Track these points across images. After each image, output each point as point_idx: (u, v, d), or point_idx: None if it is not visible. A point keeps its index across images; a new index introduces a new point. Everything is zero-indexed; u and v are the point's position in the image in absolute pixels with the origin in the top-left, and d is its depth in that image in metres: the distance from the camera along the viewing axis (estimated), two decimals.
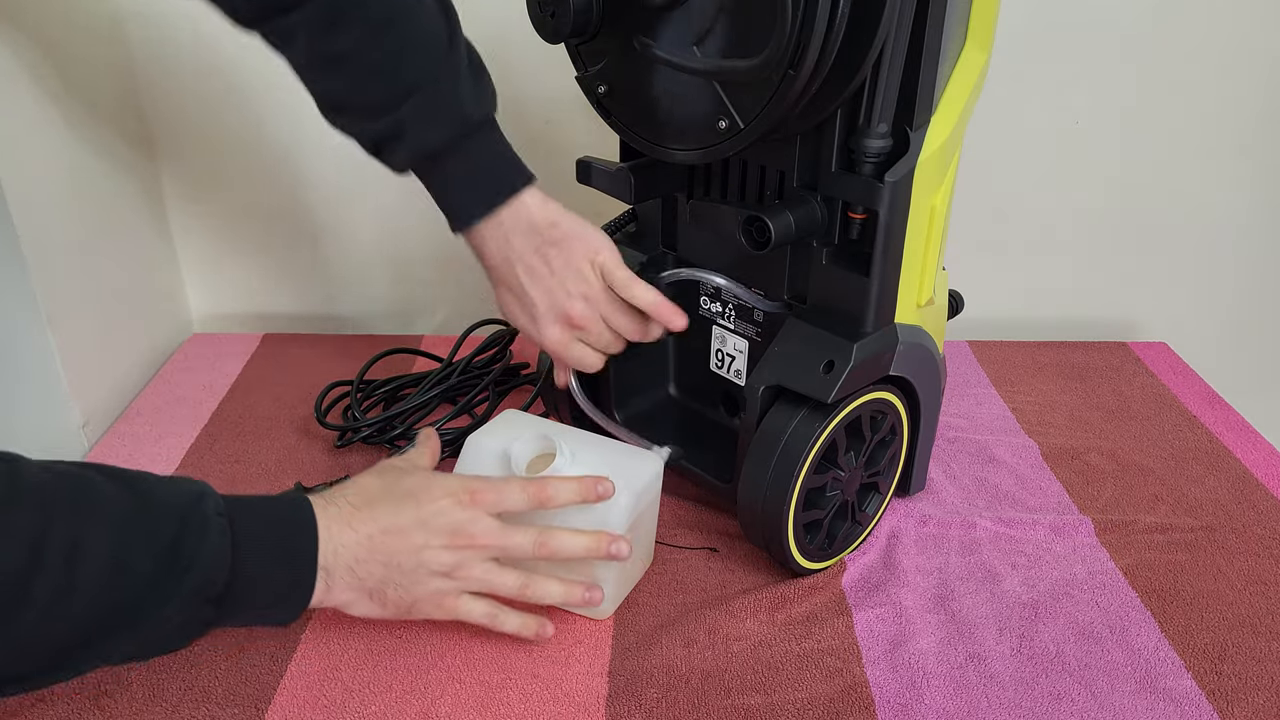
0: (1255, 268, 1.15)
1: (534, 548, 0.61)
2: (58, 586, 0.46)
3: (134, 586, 0.49)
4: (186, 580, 0.50)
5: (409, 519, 0.59)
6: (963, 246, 1.05)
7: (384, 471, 0.64)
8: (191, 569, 0.51)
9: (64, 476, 0.50)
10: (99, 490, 0.50)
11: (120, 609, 0.49)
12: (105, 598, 0.48)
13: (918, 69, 0.61)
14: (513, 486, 0.62)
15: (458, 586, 0.61)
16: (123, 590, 0.49)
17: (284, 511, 0.57)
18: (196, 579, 0.51)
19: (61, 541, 0.47)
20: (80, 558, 0.47)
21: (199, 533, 0.51)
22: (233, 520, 0.53)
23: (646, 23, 0.63)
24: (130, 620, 0.50)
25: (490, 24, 0.99)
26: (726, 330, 0.78)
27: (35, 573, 0.45)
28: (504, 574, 0.62)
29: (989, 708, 0.62)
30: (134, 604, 0.49)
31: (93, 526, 0.48)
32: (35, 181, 0.84)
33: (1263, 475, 0.86)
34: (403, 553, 0.59)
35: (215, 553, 0.52)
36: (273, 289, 1.13)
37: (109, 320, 0.95)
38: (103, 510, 0.49)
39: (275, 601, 0.56)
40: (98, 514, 0.49)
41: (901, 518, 0.79)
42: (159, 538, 0.50)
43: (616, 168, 0.74)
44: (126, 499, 0.51)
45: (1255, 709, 0.62)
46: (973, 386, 1.01)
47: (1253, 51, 1.02)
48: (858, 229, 0.66)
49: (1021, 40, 0.99)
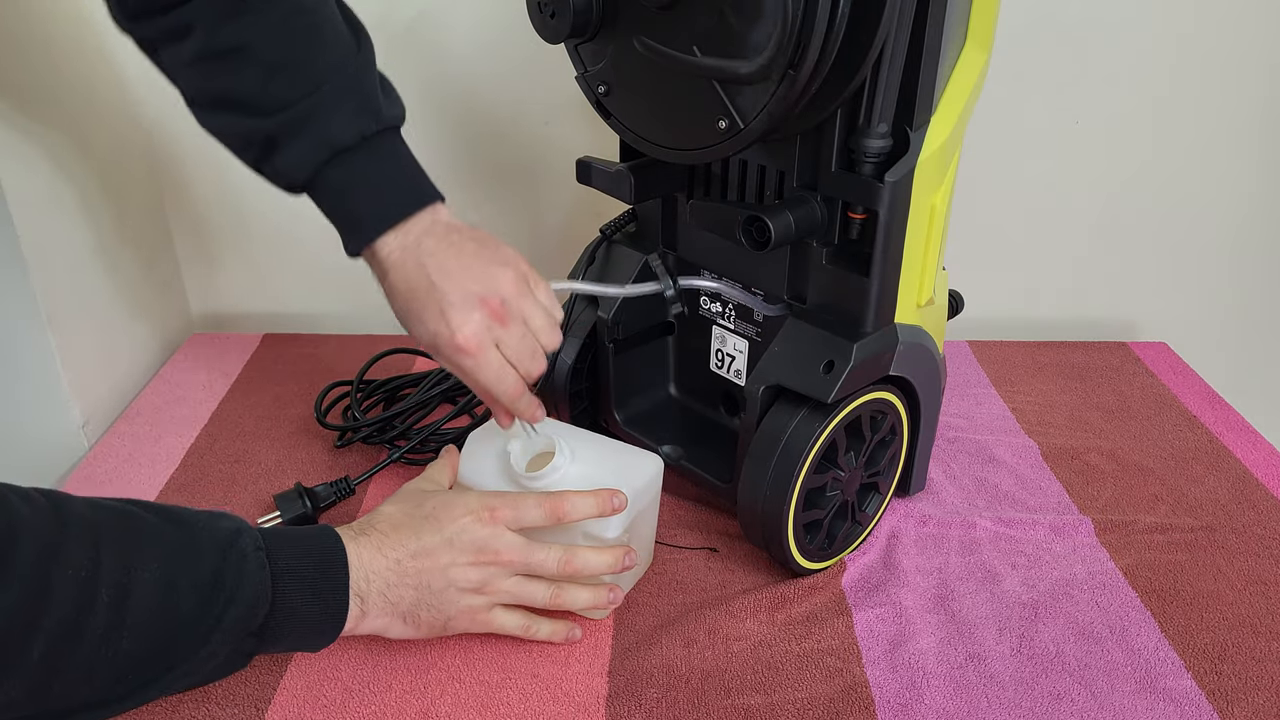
0: (1255, 268, 1.15)
1: (559, 566, 0.63)
2: (109, 623, 0.46)
3: (180, 623, 0.50)
4: (229, 615, 0.51)
5: (434, 540, 0.60)
6: (963, 246, 1.05)
7: (407, 496, 0.64)
8: (234, 603, 0.51)
9: (109, 511, 0.50)
10: (143, 527, 0.50)
11: (167, 645, 0.50)
12: (152, 634, 0.49)
13: (918, 69, 0.61)
14: (529, 502, 0.63)
15: (489, 601, 0.63)
16: (169, 627, 0.49)
17: (315, 543, 0.58)
18: (239, 613, 0.52)
19: (110, 579, 0.47)
20: (128, 595, 0.47)
21: (238, 568, 0.52)
22: (269, 553, 0.54)
23: (646, 23, 0.63)
24: (178, 656, 0.50)
25: (490, 24, 0.99)
26: (726, 330, 0.78)
27: (87, 611, 0.46)
28: (534, 586, 0.63)
29: (989, 708, 0.62)
30: (180, 640, 0.50)
31: (139, 564, 0.48)
32: (35, 182, 0.84)
33: (1263, 475, 0.86)
34: (431, 573, 0.60)
35: (255, 587, 0.52)
36: (273, 289, 1.13)
37: (109, 320, 0.95)
38: (148, 548, 0.49)
39: (312, 629, 0.57)
40: (144, 552, 0.49)
41: (901, 518, 0.79)
42: (201, 574, 0.51)
43: (616, 168, 0.74)
44: (169, 536, 0.51)
45: (1255, 709, 0.62)
46: (973, 386, 1.01)
47: (1253, 51, 1.02)
48: (858, 229, 0.66)
49: (1021, 40, 0.99)
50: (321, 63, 0.63)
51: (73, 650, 0.45)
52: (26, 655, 0.44)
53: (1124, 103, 1.04)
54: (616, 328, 0.79)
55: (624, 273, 0.79)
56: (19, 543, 0.44)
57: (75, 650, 0.45)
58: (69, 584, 0.45)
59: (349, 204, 0.65)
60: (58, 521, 0.46)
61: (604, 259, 0.82)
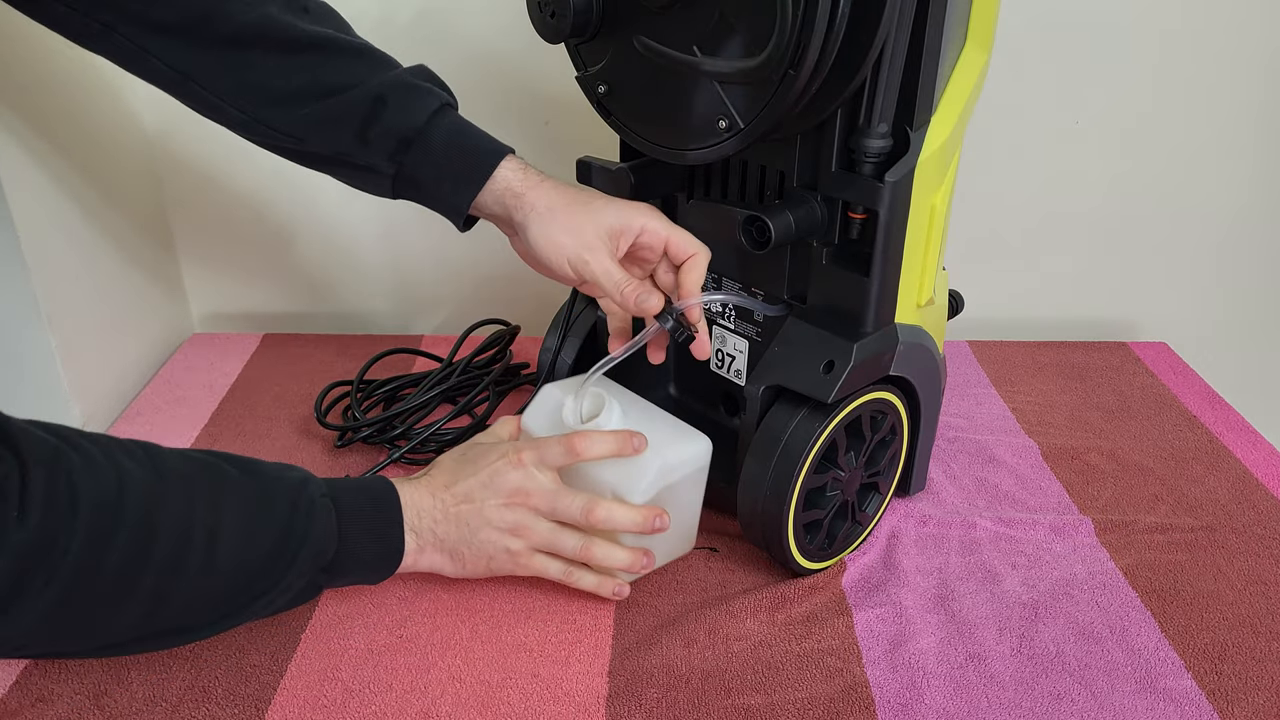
0: (1255, 268, 1.15)
1: (582, 513, 0.65)
2: (204, 560, 0.53)
3: (261, 561, 0.57)
4: (303, 553, 0.58)
5: (472, 483, 0.65)
6: (963, 246, 1.05)
7: (465, 449, 0.69)
8: (305, 543, 0.58)
9: (197, 464, 0.56)
10: (226, 477, 0.57)
11: (251, 579, 0.57)
12: (239, 570, 0.56)
13: (918, 69, 0.61)
14: (551, 442, 0.66)
15: (526, 544, 0.66)
16: (252, 564, 0.56)
17: (372, 489, 0.64)
18: (311, 551, 0.58)
19: (203, 522, 0.53)
20: (218, 537, 0.54)
21: (307, 513, 0.58)
22: (334, 499, 0.61)
23: (646, 23, 0.63)
24: (260, 588, 0.57)
25: (490, 24, 0.99)
26: (726, 330, 0.78)
27: (185, 549, 0.52)
28: (565, 534, 0.67)
29: (989, 708, 0.62)
30: (262, 575, 0.57)
31: (226, 511, 0.55)
32: (35, 182, 0.84)
33: (1263, 475, 0.86)
34: (470, 513, 0.65)
35: (324, 529, 0.59)
36: (273, 289, 1.13)
37: (109, 320, 0.95)
38: (232, 497, 0.56)
39: (375, 562, 0.63)
40: (229, 500, 0.55)
41: (901, 518, 0.79)
42: (278, 519, 0.57)
43: (616, 168, 0.74)
44: (249, 486, 0.57)
45: (1255, 709, 0.62)
46: (973, 386, 1.01)
47: (1253, 51, 1.02)
48: (858, 229, 0.66)
49: (1021, 40, 0.99)
50: (382, 53, 0.71)
51: (176, 582, 0.53)
52: (141, 585, 0.51)
53: (1123, 103, 1.04)
54: None
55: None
56: (126, 492, 0.50)
57: (178, 582, 0.53)
58: (171, 527, 0.52)
59: (470, 142, 0.70)
60: (156, 473, 0.53)
61: None
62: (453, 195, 0.70)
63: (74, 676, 0.63)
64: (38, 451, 0.48)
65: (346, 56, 0.69)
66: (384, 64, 0.71)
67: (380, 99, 0.68)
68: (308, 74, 0.68)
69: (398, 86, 0.69)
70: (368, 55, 0.70)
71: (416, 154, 0.69)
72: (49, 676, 0.63)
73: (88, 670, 0.64)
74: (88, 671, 0.64)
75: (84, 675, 0.63)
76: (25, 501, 0.46)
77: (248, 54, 0.67)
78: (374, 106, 0.68)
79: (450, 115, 0.71)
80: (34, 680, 0.63)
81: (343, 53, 0.69)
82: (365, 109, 0.68)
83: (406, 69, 0.71)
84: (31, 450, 0.47)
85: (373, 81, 0.68)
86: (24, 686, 0.63)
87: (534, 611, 0.69)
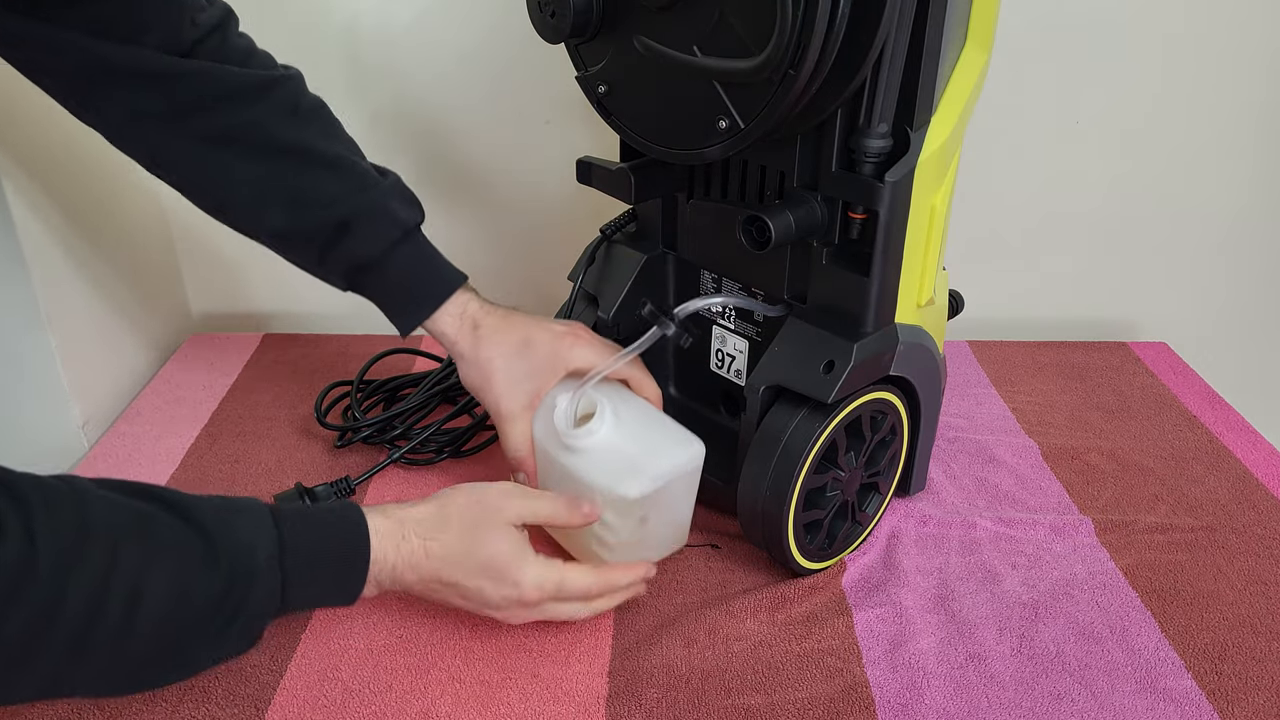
0: (1255, 268, 1.15)
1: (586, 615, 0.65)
2: (119, 630, 0.48)
3: (189, 631, 0.51)
4: (236, 624, 0.53)
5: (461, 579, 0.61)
6: (963, 246, 1.05)
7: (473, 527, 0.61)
8: (242, 614, 0.53)
9: (128, 514, 0.50)
10: (162, 534, 0.50)
11: (176, 649, 0.51)
12: (161, 640, 0.50)
13: (918, 69, 0.61)
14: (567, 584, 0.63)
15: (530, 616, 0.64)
16: (178, 633, 0.51)
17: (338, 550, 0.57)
18: (248, 622, 0.53)
19: (124, 588, 0.47)
20: (139, 604, 0.48)
21: (247, 584, 0.52)
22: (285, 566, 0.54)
23: (646, 23, 0.63)
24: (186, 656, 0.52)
25: (490, 24, 0.99)
26: (726, 330, 0.78)
27: (97, 618, 0.47)
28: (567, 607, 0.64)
29: (989, 708, 0.62)
30: (188, 644, 0.52)
31: (154, 574, 0.49)
32: (36, 182, 0.84)
33: (1263, 475, 0.86)
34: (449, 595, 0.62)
35: (265, 601, 0.53)
36: (273, 289, 1.13)
37: (109, 320, 0.95)
38: (165, 558, 0.50)
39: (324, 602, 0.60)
40: (160, 562, 0.49)
41: (901, 518, 0.79)
42: (213, 588, 0.51)
43: (616, 168, 0.74)
44: (186, 546, 0.51)
45: (1255, 709, 0.62)
46: (973, 386, 1.01)
47: (1253, 51, 1.02)
48: (858, 229, 0.66)
49: (1021, 40, 0.99)
50: (364, 164, 0.73)
51: (83, 657, 0.47)
52: (38, 662, 0.46)
53: (1124, 103, 1.04)
54: (616, 328, 0.79)
55: (624, 273, 0.79)
56: (38, 550, 0.45)
57: (85, 657, 0.47)
58: (83, 591, 0.46)
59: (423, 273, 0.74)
60: (78, 517, 0.47)
61: (604, 259, 0.82)
62: (401, 317, 0.74)
63: None
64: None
65: (319, 170, 0.71)
66: (357, 179, 0.72)
67: (343, 225, 0.70)
68: (278, 183, 0.70)
69: (362, 213, 0.71)
70: (343, 169, 0.71)
71: (372, 278, 0.73)
72: None
73: None
74: None
75: None
76: None
77: (225, 154, 0.69)
78: (335, 234, 0.71)
79: (410, 244, 0.73)
80: None
81: (317, 165, 0.71)
82: (327, 234, 0.71)
83: (379, 188, 0.72)
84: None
85: (341, 206, 0.70)
86: None
87: None
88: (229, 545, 0.52)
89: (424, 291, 0.74)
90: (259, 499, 0.56)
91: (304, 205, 0.70)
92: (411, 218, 0.73)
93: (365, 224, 0.70)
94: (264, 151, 0.69)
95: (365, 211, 0.70)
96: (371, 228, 0.71)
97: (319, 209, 0.70)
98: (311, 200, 0.70)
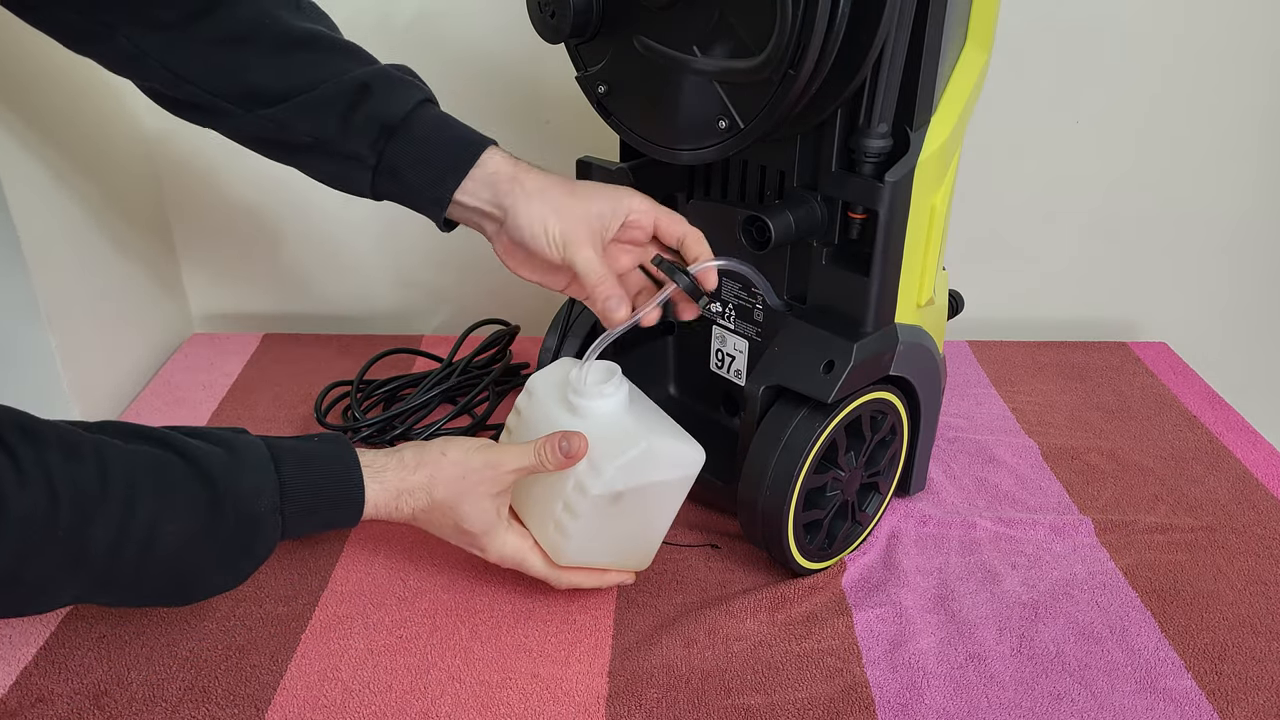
0: (1255, 268, 1.15)
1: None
2: (135, 571, 0.54)
3: (197, 568, 0.57)
4: (243, 565, 0.59)
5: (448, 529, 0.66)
6: (963, 246, 1.05)
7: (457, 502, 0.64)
8: (248, 557, 0.58)
9: (147, 461, 0.55)
10: (175, 481, 0.55)
11: (184, 584, 0.57)
12: (171, 577, 0.56)
13: (918, 69, 0.61)
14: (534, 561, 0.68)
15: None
16: (187, 571, 0.56)
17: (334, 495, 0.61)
18: (252, 563, 0.59)
19: (138, 535, 0.53)
20: (152, 548, 0.53)
21: (252, 530, 0.58)
22: (285, 513, 0.59)
23: (646, 23, 0.63)
24: (194, 589, 0.59)
25: (489, 24, 0.99)
26: (726, 330, 0.78)
27: (115, 561, 0.52)
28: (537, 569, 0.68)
29: (989, 708, 0.62)
30: (196, 579, 0.58)
31: (166, 519, 0.54)
32: (35, 182, 0.84)
33: (1263, 475, 0.86)
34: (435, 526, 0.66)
35: (267, 543, 0.59)
36: (273, 289, 1.13)
37: (109, 320, 0.95)
38: (177, 505, 0.54)
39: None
40: (172, 509, 0.54)
41: (901, 518, 0.79)
42: (221, 532, 0.56)
43: (616, 168, 0.74)
44: (196, 495, 0.55)
45: (1255, 709, 0.62)
46: (973, 386, 1.01)
47: (1253, 51, 1.02)
48: (858, 229, 0.66)
49: (1021, 40, 0.99)
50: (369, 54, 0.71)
51: (104, 593, 0.55)
52: (61, 592, 0.52)
53: (1124, 103, 1.04)
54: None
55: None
56: (59, 505, 0.49)
57: (107, 593, 0.55)
58: (102, 544, 0.51)
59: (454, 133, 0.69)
60: (100, 480, 0.52)
61: None
62: (435, 186, 0.69)
63: (74, 676, 0.63)
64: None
65: (337, 53, 0.69)
66: (370, 58, 0.71)
67: (364, 86, 0.67)
68: (300, 70, 0.68)
69: (381, 77, 0.68)
70: (356, 53, 0.71)
71: (399, 142, 0.68)
72: (49, 676, 0.63)
73: (88, 670, 0.64)
74: (88, 671, 0.64)
75: (84, 675, 0.63)
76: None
77: (243, 51, 0.67)
78: (358, 94, 0.67)
79: (433, 109, 0.70)
80: (34, 680, 0.63)
81: (334, 49, 0.70)
82: (350, 96, 0.67)
83: (390, 65, 0.71)
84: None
85: (361, 74, 0.68)
86: (24, 686, 0.63)
87: (534, 612, 0.69)
88: (235, 493, 0.57)
89: (458, 146, 0.69)
90: (256, 438, 0.60)
91: (325, 80, 0.68)
92: (428, 91, 0.71)
93: (386, 86, 0.68)
94: (282, 43, 0.68)
95: (384, 77, 0.69)
96: (393, 90, 0.68)
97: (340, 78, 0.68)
98: (331, 75, 0.68)
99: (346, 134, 0.68)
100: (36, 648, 0.66)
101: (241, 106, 0.68)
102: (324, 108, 0.68)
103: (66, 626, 0.67)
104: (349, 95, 0.67)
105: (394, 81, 0.69)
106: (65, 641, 0.66)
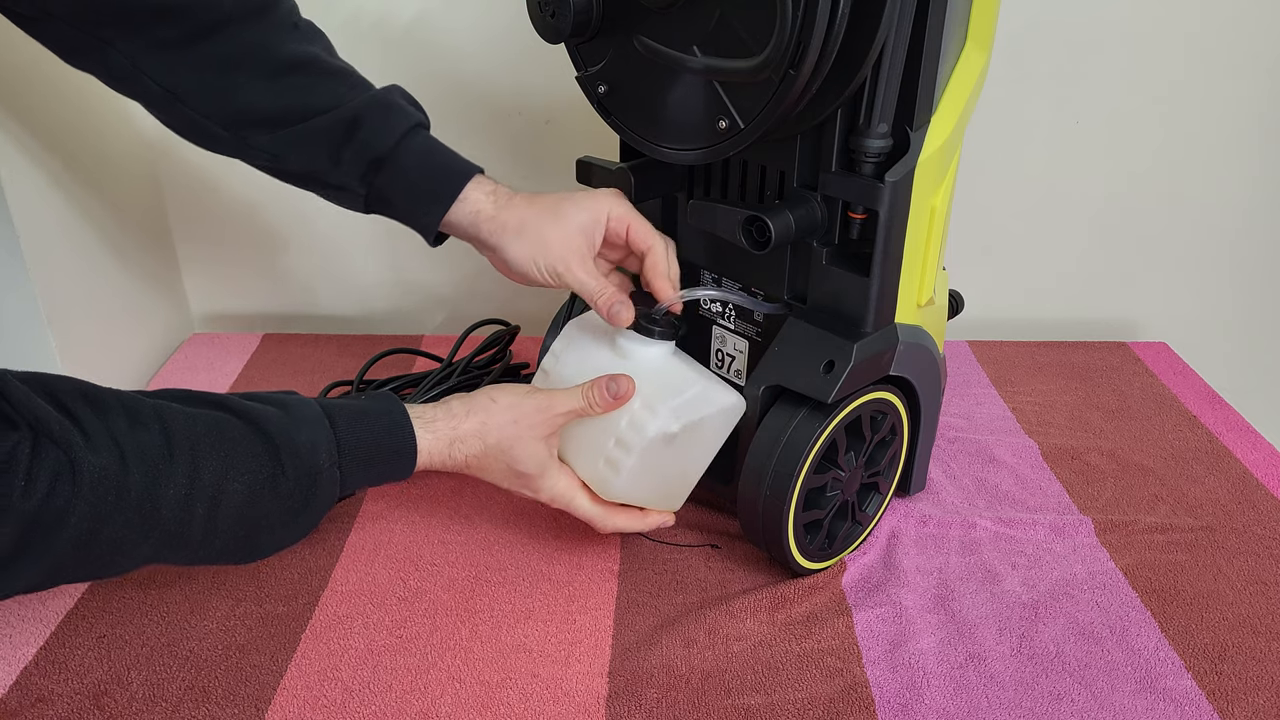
0: (1255, 268, 1.15)
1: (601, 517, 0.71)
2: (204, 530, 0.56)
3: (262, 524, 0.59)
4: (303, 518, 0.61)
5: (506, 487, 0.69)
6: (963, 247, 1.05)
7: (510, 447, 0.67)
8: (308, 509, 0.60)
9: (206, 424, 0.57)
10: (235, 440, 0.57)
11: (251, 540, 0.59)
12: (239, 534, 0.58)
13: (918, 69, 0.61)
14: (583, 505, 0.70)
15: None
16: (253, 527, 0.58)
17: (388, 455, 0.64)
18: (313, 516, 0.61)
19: (205, 494, 0.55)
20: (219, 505, 0.56)
21: (311, 483, 0.60)
22: (343, 467, 0.61)
23: (646, 23, 0.63)
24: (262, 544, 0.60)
25: (489, 24, 0.99)
26: (726, 330, 0.78)
27: (186, 524, 0.55)
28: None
29: (989, 708, 0.62)
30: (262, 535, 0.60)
31: (230, 477, 0.56)
32: (35, 182, 0.84)
33: (1263, 475, 0.86)
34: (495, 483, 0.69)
35: (327, 497, 0.61)
36: (273, 289, 1.13)
37: (109, 320, 0.95)
38: (238, 463, 0.57)
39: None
40: (234, 467, 0.56)
41: (901, 518, 0.79)
42: (282, 487, 0.58)
43: (616, 168, 0.74)
44: (257, 450, 0.58)
45: (1255, 709, 0.62)
46: (973, 386, 1.01)
47: (1253, 51, 1.02)
48: (858, 229, 0.66)
49: (1021, 40, 0.99)
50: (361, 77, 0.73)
51: (175, 553, 0.56)
52: (139, 551, 0.54)
53: (1124, 102, 1.04)
54: None
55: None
56: (129, 469, 0.52)
57: (177, 552, 0.56)
58: (173, 504, 0.54)
59: (440, 161, 0.72)
60: (166, 445, 0.54)
61: None
62: (423, 214, 0.73)
63: (74, 676, 0.63)
64: (45, 426, 0.50)
65: (329, 79, 0.71)
66: (363, 84, 0.73)
67: (355, 120, 0.70)
68: (292, 96, 0.70)
69: (372, 107, 0.70)
70: (348, 77, 0.72)
71: (387, 174, 0.71)
72: (49, 676, 0.63)
73: (88, 670, 0.64)
74: (88, 671, 0.64)
75: (84, 675, 0.63)
76: (33, 473, 0.48)
77: (237, 75, 0.68)
78: (348, 129, 0.70)
79: (421, 135, 0.73)
80: (34, 680, 0.63)
81: (326, 75, 0.71)
82: (340, 131, 0.70)
83: (382, 89, 0.73)
84: (40, 424, 0.49)
85: (349, 103, 0.70)
86: (24, 686, 0.63)
87: (534, 612, 0.69)
88: (292, 449, 0.59)
89: (443, 178, 0.72)
90: (308, 399, 0.63)
91: (318, 112, 0.70)
92: (418, 115, 0.74)
93: (375, 117, 0.71)
94: (275, 68, 0.69)
95: (374, 106, 0.71)
96: (382, 120, 0.71)
97: (331, 110, 0.70)
98: (325, 106, 0.70)
99: (337, 167, 0.71)
100: (36, 648, 0.66)
101: (231, 130, 0.70)
102: (315, 143, 0.71)
103: (66, 626, 0.67)
104: (340, 130, 0.70)
105: (384, 109, 0.71)
106: (65, 641, 0.66)
